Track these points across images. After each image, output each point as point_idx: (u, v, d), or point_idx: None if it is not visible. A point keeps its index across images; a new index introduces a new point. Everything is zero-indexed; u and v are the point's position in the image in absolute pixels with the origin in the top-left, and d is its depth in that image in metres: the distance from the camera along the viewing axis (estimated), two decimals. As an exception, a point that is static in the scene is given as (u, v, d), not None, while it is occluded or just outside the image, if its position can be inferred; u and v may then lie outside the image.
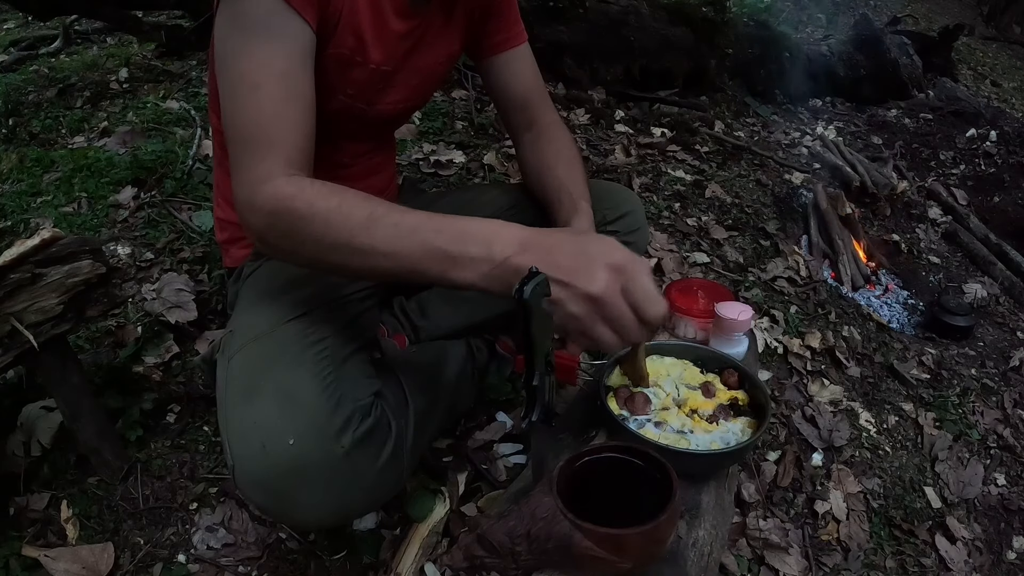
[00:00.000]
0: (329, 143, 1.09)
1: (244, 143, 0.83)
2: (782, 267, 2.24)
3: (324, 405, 0.85)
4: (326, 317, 0.98)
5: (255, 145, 0.82)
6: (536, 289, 0.71)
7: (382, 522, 1.20)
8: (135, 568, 1.11)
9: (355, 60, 0.96)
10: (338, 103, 1.00)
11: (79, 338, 1.45)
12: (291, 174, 0.82)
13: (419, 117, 2.63)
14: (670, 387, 0.99)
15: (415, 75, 1.07)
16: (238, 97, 0.84)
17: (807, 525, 1.43)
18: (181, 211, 1.89)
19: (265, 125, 0.82)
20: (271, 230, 0.82)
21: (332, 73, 0.95)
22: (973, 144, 3.54)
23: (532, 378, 0.77)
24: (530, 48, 1.19)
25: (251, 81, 0.83)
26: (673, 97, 3.42)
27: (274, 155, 0.82)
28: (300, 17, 0.85)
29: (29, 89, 2.76)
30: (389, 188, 1.31)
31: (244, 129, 0.83)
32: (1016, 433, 1.85)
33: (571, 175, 1.11)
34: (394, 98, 1.07)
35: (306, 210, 0.78)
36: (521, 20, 1.17)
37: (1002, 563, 1.54)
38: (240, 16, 0.84)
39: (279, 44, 0.84)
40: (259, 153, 0.82)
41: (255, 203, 0.81)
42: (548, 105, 1.21)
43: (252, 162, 0.82)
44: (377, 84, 1.02)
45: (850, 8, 6.18)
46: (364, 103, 1.04)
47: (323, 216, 0.78)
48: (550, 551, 0.69)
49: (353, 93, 1.01)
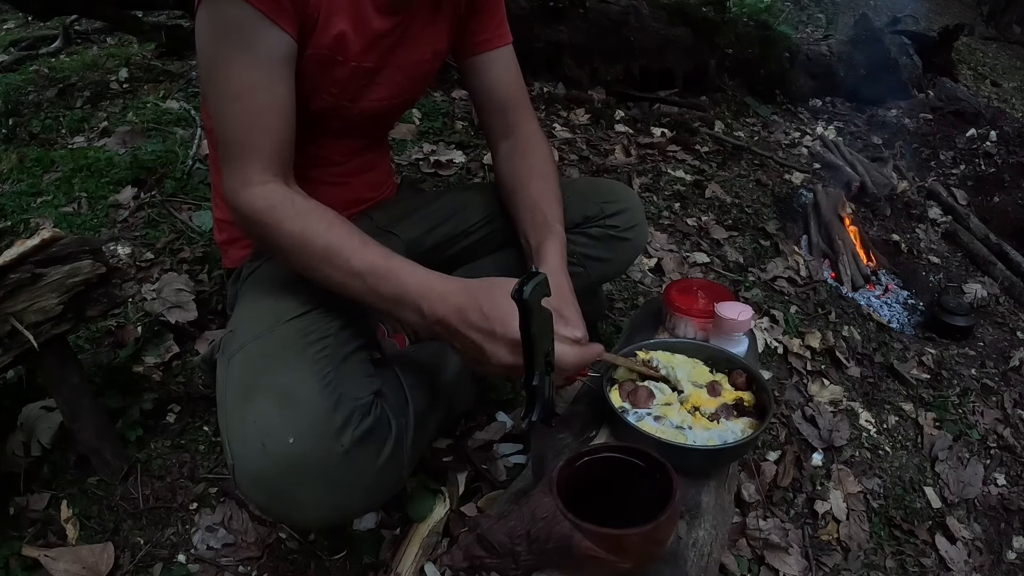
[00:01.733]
0: (319, 141, 1.09)
1: (226, 148, 0.90)
2: (782, 267, 2.24)
3: (324, 404, 0.85)
4: (325, 316, 0.98)
5: (236, 151, 0.89)
6: (536, 289, 0.71)
7: (382, 522, 1.20)
8: (135, 568, 1.11)
9: (336, 59, 0.97)
10: (322, 102, 1.01)
11: (79, 338, 1.45)
12: (267, 181, 0.89)
13: (419, 117, 2.63)
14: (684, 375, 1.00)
15: (400, 72, 1.07)
16: (220, 106, 0.89)
17: (807, 525, 1.43)
18: (181, 211, 1.89)
19: (243, 134, 0.88)
20: (249, 232, 0.93)
21: (314, 72, 0.96)
22: (973, 144, 3.54)
23: (532, 378, 0.77)
24: (514, 51, 1.18)
25: (230, 92, 0.88)
26: (673, 97, 3.42)
27: (252, 162, 0.89)
28: (276, 26, 0.87)
29: (29, 89, 2.76)
30: (385, 185, 1.30)
31: (226, 136, 0.90)
32: (1016, 433, 1.85)
33: (545, 194, 1.11)
34: (379, 95, 1.07)
35: (273, 229, 0.88)
36: (507, 21, 1.17)
37: (1002, 563, 1.54)
38: (218, 27, 0.86)
39: (255, 55, 0.87)
40: (239, 160, 0.89)
41: (236, 206, 0.90)
42: (529, 112, 1.20)
43: (233, 167, 0.90)
44: (360, 81, 1.02)
45: (850, 8, 6.19)
46: (348, 100, 1.04)
47: (287, 240, 0.88)
48: (550, 551, 0.69)
49: (337, 91, 1.01)
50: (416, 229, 1.22)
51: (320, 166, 1.13)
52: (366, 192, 1.24)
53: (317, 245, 0.87)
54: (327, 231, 0.87)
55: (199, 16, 0.88)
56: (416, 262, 0.89)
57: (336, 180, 1.17)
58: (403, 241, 1.21)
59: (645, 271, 2.02)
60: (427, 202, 1.28)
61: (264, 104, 0.88)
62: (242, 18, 0.85)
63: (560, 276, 1.00)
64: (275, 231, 0.88)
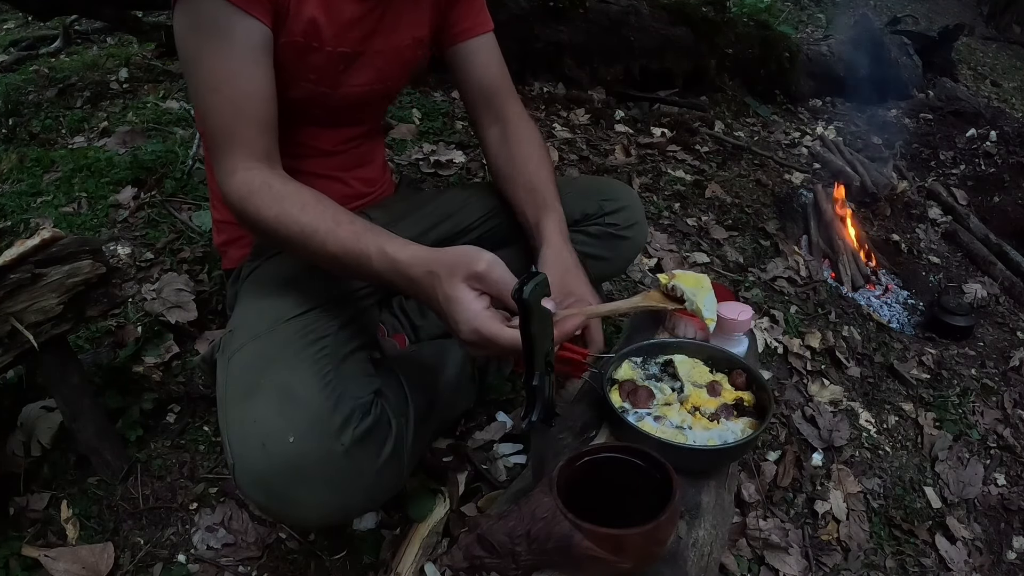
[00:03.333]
0: (308, 131, 1.10)
1: (211, 139, 0.93)
2: (782, 267, 2.24)
3: (324, 403, 0.85)
4: (325, 316, 0.98)
5: (219, 142, 0.92)
6: (536, 289, 0.71)
7: (382, 522, 1.20)
8: (135, 568, 1.11)
9: (311, 46, 0.98)
10: (302, 89, 1.02)
11: (79, 338, 1.45)
12: (251, 167, 0.91)
13: (419, 117, 2.63)
14: (709, 304, 0.94)
15: (380, 58, 1.08)
16: (201, 99, 0.92)
17: (807, 525, 1.43)
18: (181, 211, 1.89)
19: (225, 123, 0.91)
20: (238, 218, 0.94)
21: (291, 60, 0.98)
22: (973, 144, 3.53)
23: (532, 378, 0.77)
24: (495, 37, 1.19)
25: (210, 84, 0.90)
26: (673, 97, 3.42)
27: (235, 151, 0.91)
28: (249, 16, 0.88)
29: (29, 89, 2.76)
30: (381, 181, 1.30)
31: (209, 127, 0.92)
32: (1016, 433, 1.85)
33: (540, 175, 1.13)
34: (359, 81, 1.08)
35: (255, 214, 0.90)
36: (487, 8, 1.18)
37: (1002, 563, 1.54)
38: (195, 23, 0.89)
39: (230, 46, 0.89)
40: (223, 149, 0.92)
41: (225, 193, 0.92)
42: (515, 96, 1.21)
43: (219, 157, 0.92)
44: (337, 66, 1.03)
45: (850, 8, 6.18)
46: (328, 87, 1.05)
47: (266, 223, 0.90)
48: (550, 551, 0.69)
49: (315, 78, 1.02)
50: (415, 228, 1.22)
51: (312, 157, 1.13)
52: (362, 187, 1.24)
53: (293, 229, 0.88)
54: (301, 212, 0.88)
55: (176, 15, 0.90)
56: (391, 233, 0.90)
57: (330, 173, 1.17)
58: (402, 240, 1.21)
59: (645, 271, 2.02)
60: (426, 201, 1.28)
61: (243, 92, 0.90)
62: (217, 12, 0.87)
63: (563, 250, 1.02)
64: (255, 217, 0.90)
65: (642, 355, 1.06)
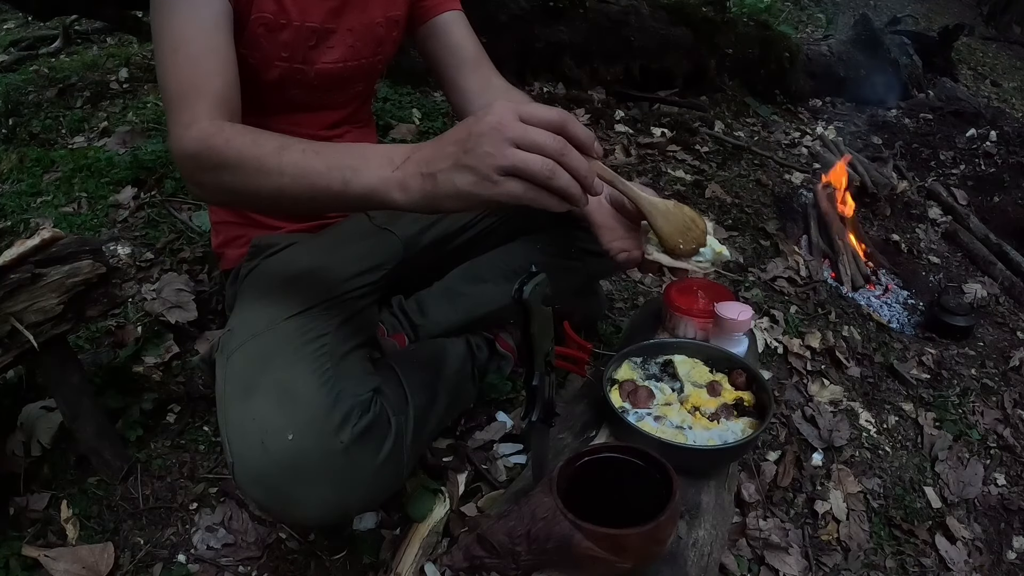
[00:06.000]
0: (291, 117, 1.10)
1: (171, 99, 0.88)
2: (782, 267, 2.24)
3: (323, 400, 0.85)
4: (324, 314, 0.98)
5: (180, 97, 0.87)
6: (536, 289, 0.71)
7: (382, 522, 1.20)
8: (135, 568, 1.11)
9: (279, 22, 1.00)
10: (278, 69, 1.03)
11: (79, 338, 1.45)
12: (214, 119, 0.86)
13: (419, 117, 2.63)
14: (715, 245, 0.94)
15: (351, 35, 1.09)
16: (163, 62, 0.90)
17: (807, 525, 1.43)
18: (181, 211, 1.89)
19: (186, 79, 0.88)
20: (198, 168, 0.85)
21: (263, 39, 0.99)
22: (973, 144, 3.53)
23: (532, 378, 0.77)
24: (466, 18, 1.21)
25: (170, 46, 0.90)
26: (673, 97, 3.42)
27: (198, 103, 0.87)
28: None
29: (29, 89, 2.76)
30: None
31: (169, 87, 0.89)
32: (1016, 433, 1.85)
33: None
34: (332, 57, 1.09)
35: (223, 144, 0.82)
36: None
37: (1002, 563, 1.54)
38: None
39: (194, 12, 0.90)
40: (184, 103, 0.87)
41: (183, 147, 0.84)
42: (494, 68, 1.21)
43: (179, 113, 0.86)
44: (308, 41, 1.05)
45: (850, 8, 6.18)
46: (300, 63, 1.06)
47: (237, 147, 0.82)
48: (550, 551, 0.69)
49: (287, 55, 1.04)
50: (413, 226, 1.23)
51: None
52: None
53: (271, 144, 0.81)
54: (280, 136, 0.82)
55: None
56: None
57: None
58: (400, 239, 1.21)
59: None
60: None
61: (203, 49, 0.90)
62: None
63: None
64: (224, 146, 0.82)
65: (642, 355, 1.06)
